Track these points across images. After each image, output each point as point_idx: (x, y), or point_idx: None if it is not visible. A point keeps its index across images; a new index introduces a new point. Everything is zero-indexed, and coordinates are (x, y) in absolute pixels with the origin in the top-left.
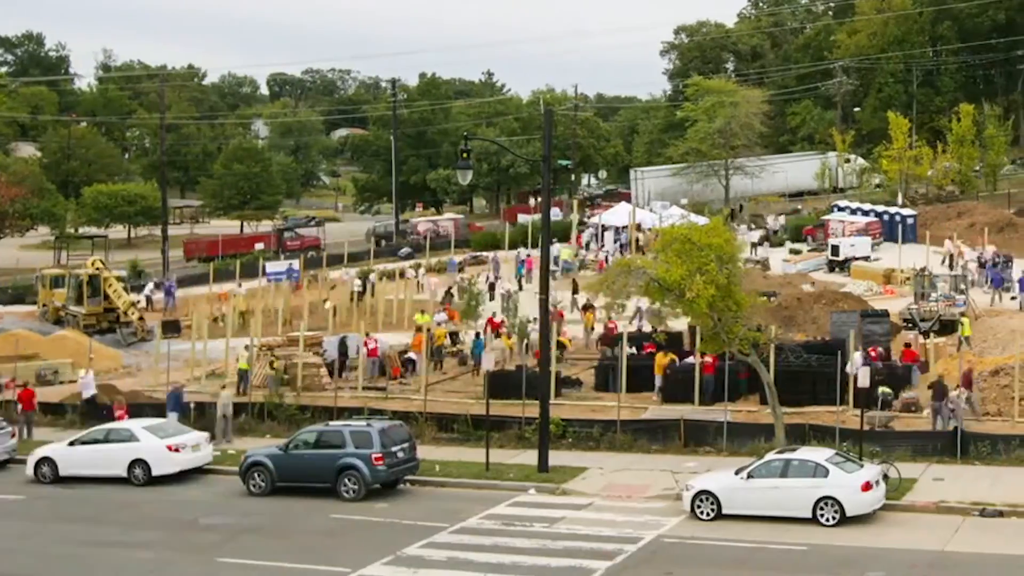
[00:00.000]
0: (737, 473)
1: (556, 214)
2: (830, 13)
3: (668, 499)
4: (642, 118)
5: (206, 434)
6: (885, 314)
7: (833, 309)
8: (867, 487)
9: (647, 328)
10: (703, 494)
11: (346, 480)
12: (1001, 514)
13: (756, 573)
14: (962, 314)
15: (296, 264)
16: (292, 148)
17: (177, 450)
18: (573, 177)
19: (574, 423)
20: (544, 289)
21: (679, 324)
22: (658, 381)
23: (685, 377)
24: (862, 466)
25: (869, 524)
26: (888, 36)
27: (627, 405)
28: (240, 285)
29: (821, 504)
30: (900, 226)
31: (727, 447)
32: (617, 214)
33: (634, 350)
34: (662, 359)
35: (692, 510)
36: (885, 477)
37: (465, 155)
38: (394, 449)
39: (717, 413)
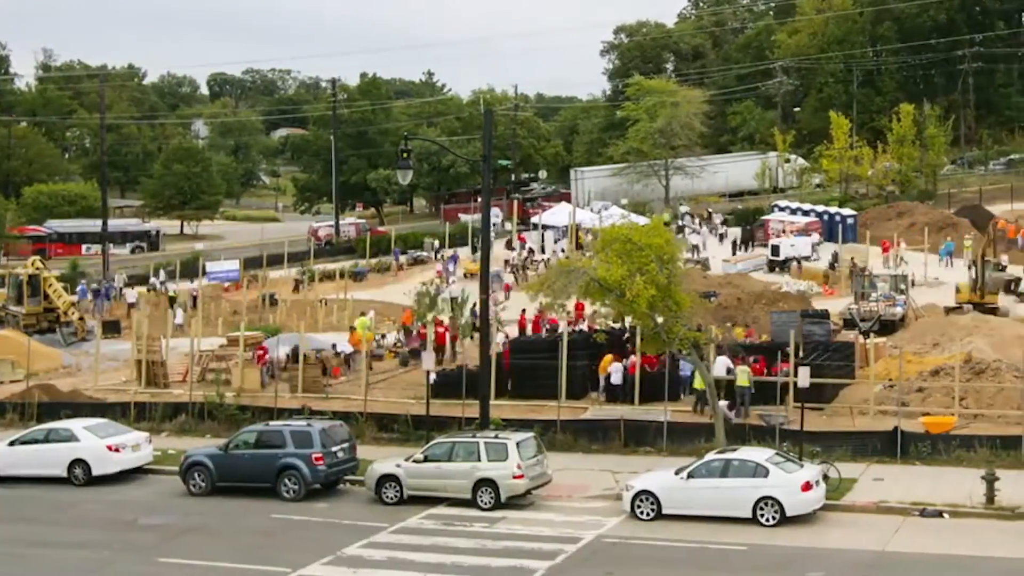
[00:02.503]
0: (677, 473)
1: (496, 215)
2: (771, 13)
3: (608, 499)
4: (582, 118)
5: (146, 434)
6: (825, 314)
7: (773, 309)
8: (807, 487)
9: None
10: (643, 494)
11: (286, 480)
12: (941, 514)
13: (696, 573)
14: (902, 318)
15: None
16: (232, 148)
17: (117, 450)
18: (513, 177)
19: (514, 423)
20: (484, 289)
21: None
22: (603, 381)
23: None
24: (802, 466)
25: (809, 524)
26: (828, 36)
27: (567, 405)
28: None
29: (761, 504)
30: (840, 226)
31: (667, 447)
32: (557, 214)
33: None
34: (607, 361)
35: (632, 510)
36: (825, 477)
37: (405, 155)
38: (334, 449)
39: (657, 413)
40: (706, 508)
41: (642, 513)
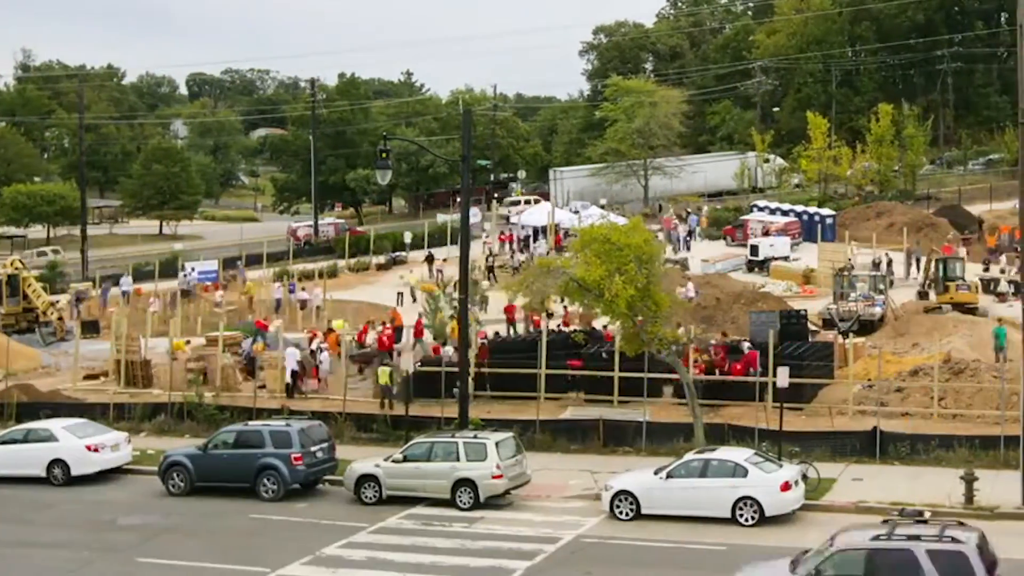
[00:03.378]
0: (656, 473)
1: (475, 214)
2: (749, 13)
3: (587, 499)
4: (561, 118)
5: (125, 434)
6: (804, 314)
7: (752, 309)
8: (786, 487)
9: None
10: (622, 494)
11: (265, 480)
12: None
13: (675, 573)
14: (881, 317)
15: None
16: (211, 148)
17: (96, 450)
18: (492, 177)
19: (494, 423)
20: (463, 290)
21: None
22: None
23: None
24: (781, 466)
25: (788, 524)
26: (807, 36)
27: (550, 397)
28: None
29: (740, 504)
30: (819, 226)
31: (646, 447)
32: (537, 214)
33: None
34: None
35: (611, 510)
36: (804, 477)
37: (384, 155)
38: (313, 449)
39: (636, 413)
40: (685, 508)
41: (621, 513)
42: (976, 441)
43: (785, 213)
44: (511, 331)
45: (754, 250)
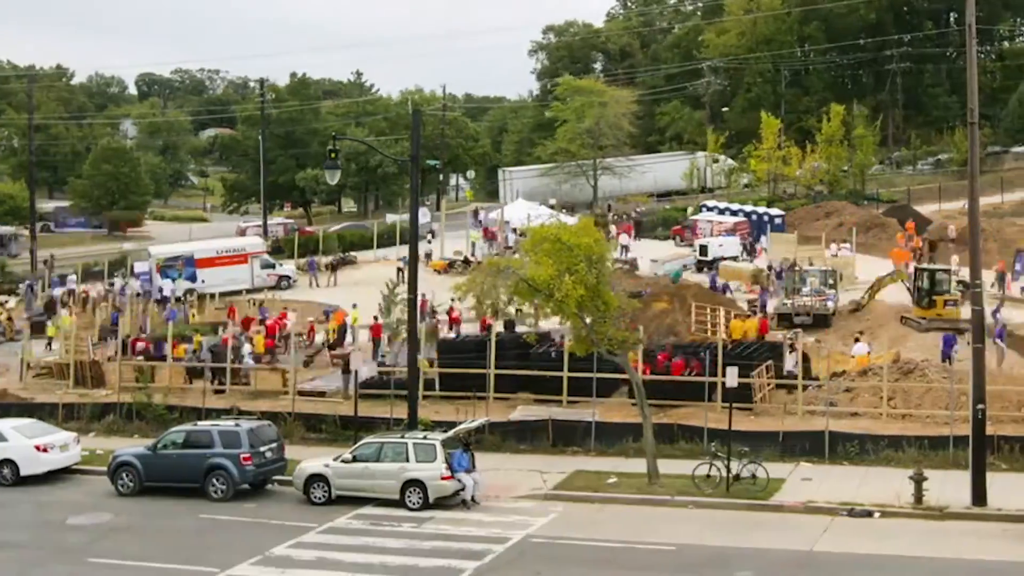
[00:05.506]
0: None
1: (425, 214)
2: (699, 13)
3: (536, 499)
4: (511, 118)
5: (75, 434)
6: (753, 314)
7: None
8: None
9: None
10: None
11: (214, 480)
12: (870, 514)
13: (624, 573)
14: (834, 312)
15: None
16: (160, 148)
17: (46, 450)
18: (441, 177)
19: (443, 423)
20: (412, 289)
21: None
22: None
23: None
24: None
25: (738, 524)
26: (757, 36)
27: (500, 397)
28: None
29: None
30: (768, 226)
31: (595, 447)
32: (493, 213)
33: None
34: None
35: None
36: (753, 477)
37: (333, 155)
38: (263, 449)
39: (585, 413)
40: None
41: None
42: (925, 441)
43: (734, 213)
44: (451, 330)
45: (703, 250)
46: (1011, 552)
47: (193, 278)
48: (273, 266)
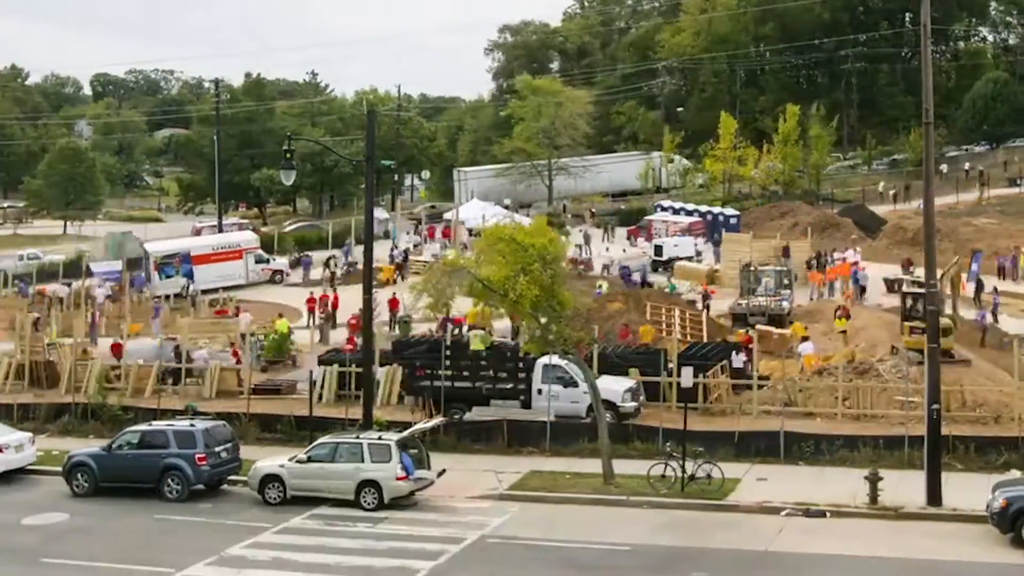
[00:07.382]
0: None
1: (382, 214)
2: (656, 13)
3: (491, 499)
4: (467, 118)
5: (29, 434)
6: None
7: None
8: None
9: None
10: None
11: (169, 480)
12: (824, 514)
13: (579, 573)
14: (788, 312)
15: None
16: (116, 148)
17: (1, 451)
18: (396, 177)
19: (398, 423)
20: (367, 289)
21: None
22: None
23: None
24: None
25: (694, 524)
26: (712, 35)
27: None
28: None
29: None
30: (723, 226)
31: (550, 447)
32: (464, 211)
33: None
34: None
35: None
36: (708, 477)
37: (289, 155)
38: (218, 449)
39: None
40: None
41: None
42: (880, 441)
43: (689, 213)
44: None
45: (658, 250)
46: (965, 552)
47: (190, 275)
48: (267, 261)
